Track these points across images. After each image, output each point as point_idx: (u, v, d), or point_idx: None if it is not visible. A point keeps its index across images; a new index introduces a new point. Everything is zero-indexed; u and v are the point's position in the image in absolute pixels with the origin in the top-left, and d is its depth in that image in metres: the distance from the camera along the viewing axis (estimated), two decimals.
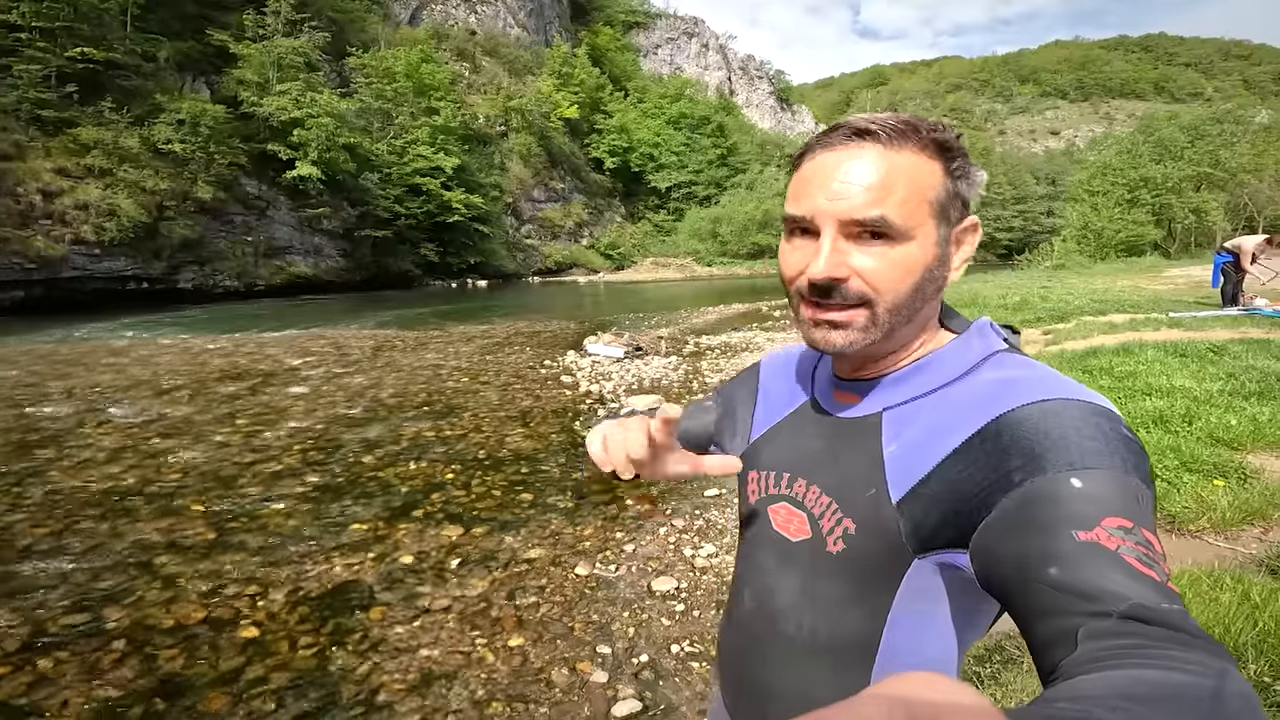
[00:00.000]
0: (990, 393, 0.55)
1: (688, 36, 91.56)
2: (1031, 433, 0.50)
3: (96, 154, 21.16)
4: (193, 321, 16.45)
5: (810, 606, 0.64)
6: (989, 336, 0.62)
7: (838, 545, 0.62)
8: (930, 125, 0.59)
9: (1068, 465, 0.47)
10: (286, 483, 4.53)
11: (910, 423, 0.60)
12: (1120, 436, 0.49)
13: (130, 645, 2.59)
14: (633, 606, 2.95)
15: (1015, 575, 0.45)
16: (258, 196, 27.51)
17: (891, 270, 0.57)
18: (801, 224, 0.59)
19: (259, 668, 2.46)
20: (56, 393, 7.51)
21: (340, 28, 37.84)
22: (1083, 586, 0.41)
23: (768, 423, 0.77)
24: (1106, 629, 0.38)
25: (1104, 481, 0.46)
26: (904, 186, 0.56)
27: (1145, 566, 0.41)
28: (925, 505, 0.55)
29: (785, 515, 0.68)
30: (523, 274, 45.65)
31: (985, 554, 0.49)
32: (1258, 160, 30.19)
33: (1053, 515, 0.45)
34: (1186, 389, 4.46)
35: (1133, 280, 17.27)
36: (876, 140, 0.56)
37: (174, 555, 3.38)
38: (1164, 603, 0.39)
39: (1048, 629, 0.42)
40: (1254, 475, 3.09)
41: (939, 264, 0.59)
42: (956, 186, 0.59)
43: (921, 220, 0.57)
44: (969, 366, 0.60)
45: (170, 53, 25.41)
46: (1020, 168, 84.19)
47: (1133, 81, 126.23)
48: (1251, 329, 7.04)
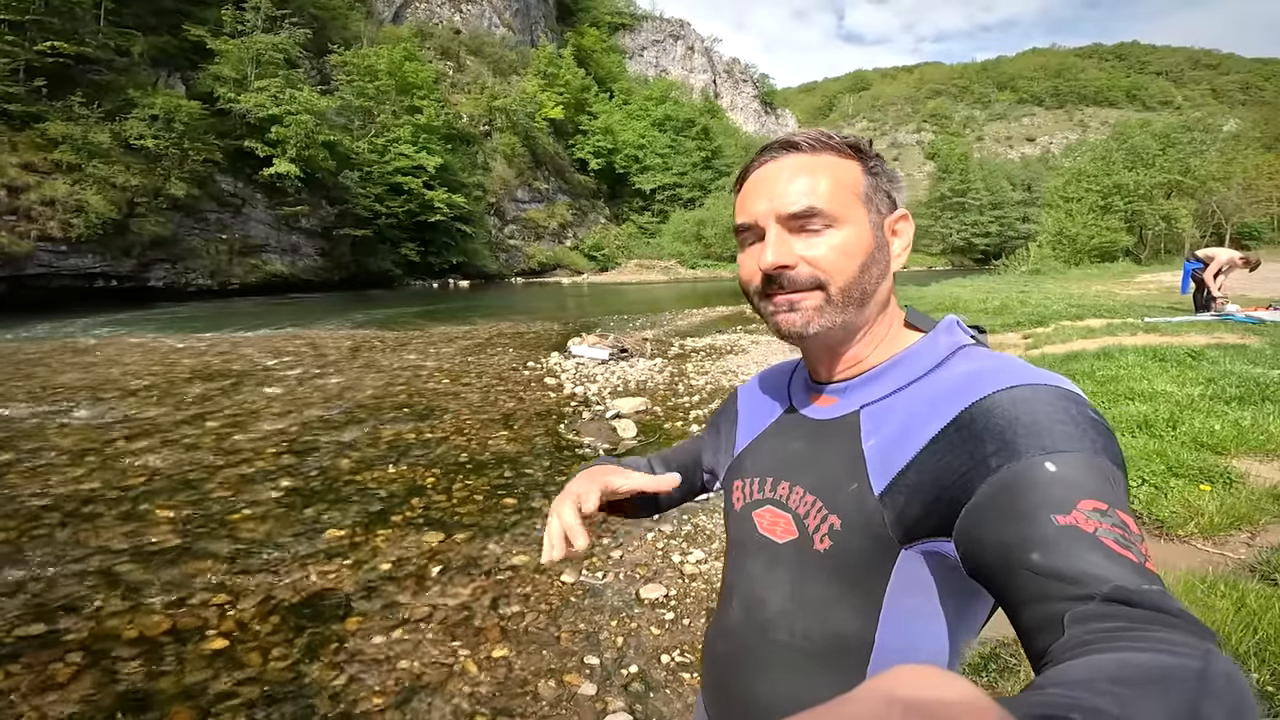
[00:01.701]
0: (961, 383, 0.57)
1: (673, 39, 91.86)
2: (1004, 419, 0.51)
3: (65, 149, 20.54)
4: (164, 320, 16.02)
5: (801, 610, 0.65)
6: (955, 332, 0.66)
7: (824, 543, 0.62)
8: (843, 137, 0.66)
9: (1040, 449, 0.48)
10: (259, 487, 4.37)
11: (887, 417, 0.62)
12: (1087, 419, 0.51)
13: (88, 657, 2.44)
14: (621, 615, 2.86)
15: (999, 562, 0.46)
16: (233, 194, 26.96)
17: (834, 253, 0.61)
18: (751, 232, 0.65)
19: (227, 680, 2.33)
20: (18, 394, 7.21)
21: (322, 24, 37.31)
22: (1065, 570, 0.42)
23: (750, 435, 0.79)
24: (1091, 612, 0.39)
25: (1076, 464, 0.47)
26: (828, 180, 0.62)
27: (1123, 548, 0.43)
28: (907, 495, 0.57)
29: (770, 518, 0.69)
30: (506, 274, 45.35)
31: (969, 541, 0.50)
32: (1226, 168, 31.09)
33: (1030, 501, 0.46)
34: (1168, 393, 4.50)
35: (1106, 285, 17.63)
36: (800, 150, 0.64)
37: (138, 563, 3.22)
38: (1144, 583, 0.40)
39: (1034, 614, 0.43)
40: (1239, 480, 3.11)
41: (878, 247, 0.64)
42: (877, 181, 0.65)
43: (851, 206, 0.62)
44: (938, 360, 0.63)
45: (144, 47, 24.81)
46: (997, 174, 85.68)
47: (1106, 89, 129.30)
48: (1226, 334, 7.17)
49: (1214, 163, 30.65)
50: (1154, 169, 29.65)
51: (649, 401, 6.89)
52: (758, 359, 9.68)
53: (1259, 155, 38.48)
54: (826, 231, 0.62)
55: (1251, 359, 5.51)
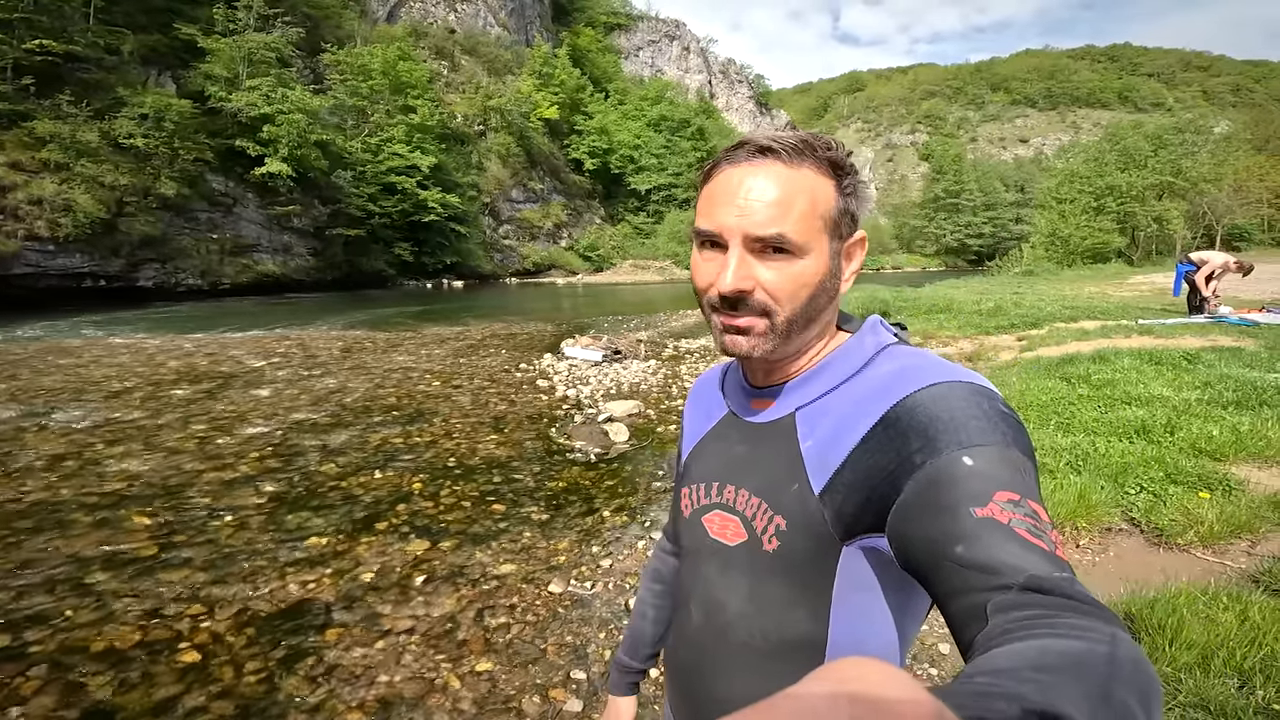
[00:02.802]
0: (887, 383, 0.59)
1: (669, 39, 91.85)
2: (925, 416, 0.54)
3: (53, 148, 20.31)
4: (152, 321, 15.84)
5: (758, 613, 0.66)
6: (880, 332, 0.68)
7: (773, 543, 0.64)
8: (824, 144, 0.63)
9: (958, 444, 0.51)
10: (240, 492, 4.27)
11: (821, 418, 0.64)
12: (999, 413, 0.53)
13: (54, 670, 2.35)
14: (609, 627, 2.79)
15: (926, 557, 0.48)
16: (224, 193, 26.75)
17: (790, 283, 0.61)
18: (711, 237, 0.62)
19: (199, 695, 2.24)
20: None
21: (315, 23, 37.12)
22: (984, 561, 0.44)
23: (692, 442, 0.80)
24: (1009, 601, 0.41)
25: (990, 457, 0.49)
26: (801, 204, 0.60)
27: (1034, 537, 0.45)
28: (844, 493, 0.58)
29: (720, 522, 0.70)
30: (500, 275, 45.20)
31: (899, 537, 0.52)
32: (1217, 170, 31.26)
33: (952, 495, 0.48)
34: (1165, 398, 4.46)
35: (1099, 287, 17.66)
36: (778, 158, 0.60)
37: (111, 572, 3.12)
38: (1055, 571, 0.43)
39: (961, 605, 0.44)
40: (1239, 487, 3.06)
41: (831, 276, 0.64)
42: (847, 203, 0.63)
43: (816, 236, 0.61)
44: (865, 361, 0.64)
45: (134, 46, 24.57)
46: (991, 175, 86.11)
47: (1098, 91, 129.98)
48: (1220, 336, 7.15)
49: (1205, 164, 30.80)
50: (1146, 170, 29.78)
51: (642, 404, 6.81)
52: None
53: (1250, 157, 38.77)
54: (788, 259, 0.61)
55: (1247, 362, 5.48)
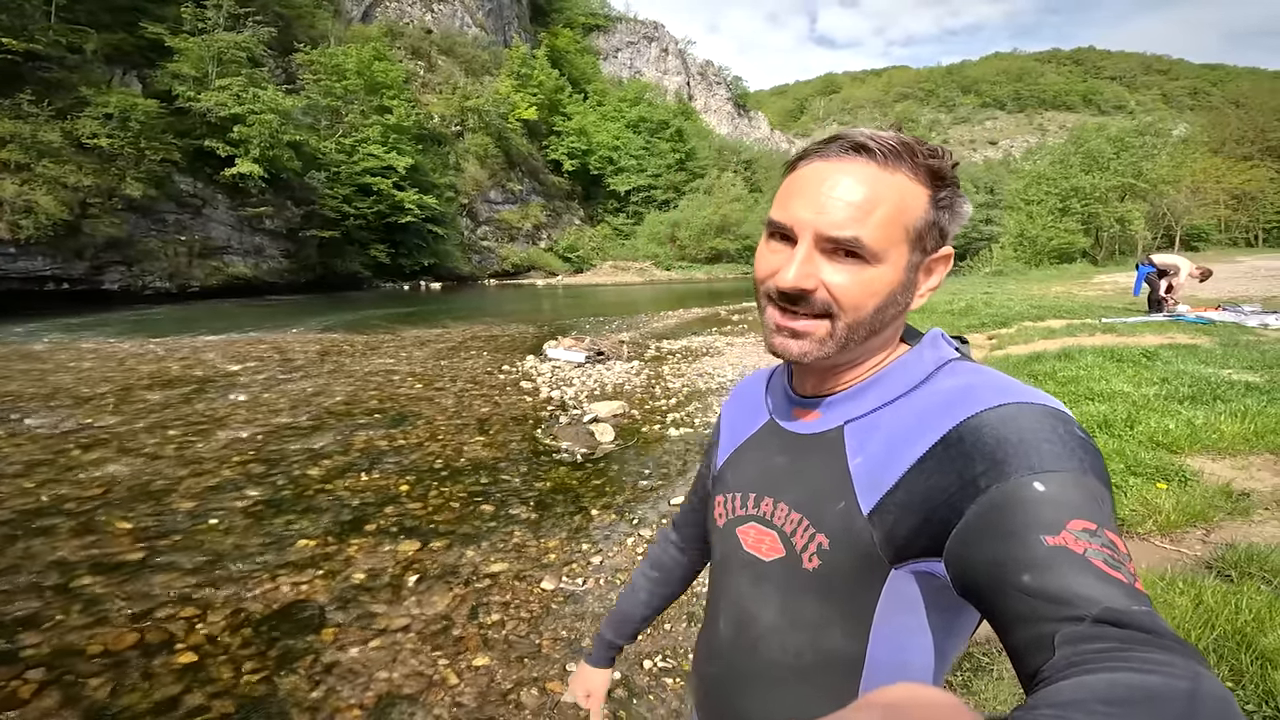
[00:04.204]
0: (949, 400, 0.56)
1: (647, 41, 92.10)
2: (992, 438, 0.51)
3: (13, 148, 19.62)
4: (120, 324, 15.44)
5: (791, 629, 0.64)
6: (941, 346, 0.64)
7: (813, 562, 0.62)
8: (928, 150, 0.59)
9: (1029, 469, 0.48)
10: (224, 497, 4.25)
11: (872, 434, 0.61)
12: (1075, 438, 0.50)
13: (50, 673, 2.35)
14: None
15: (989, 583, 0.46)
16: (193, 194, 26.12)
17: (858, 289, 0.58)
18: (782, 229, 0.60)
19: (199, 695, 2.26)
20: None
21: (287, 23, 36.42)
22: (1055, 592, 0.42)
23: (730, 448, 0.78)
24: (1081, 633, 0.39)
25: (1065, 484, 0.47)
26: (885, 209, 0.57)
27: (1112, 569, 0.43)
28: (896, 515, 0.56)
29: (755, 535, 0.68)
30: (478, 276, 44.87)
31: (959, 562, 0.50)
32: (1176, 172, 32.42)
33: (1020, 521, 0.46)
34: (1125, 393, 4.68)
35: (1065, 286, 18.22)
36: (871, 158, 0.57)
37: (98, 576, 3.10)
38: (1133, 605, 0.40)
39: (1025, 635, 0.42)
40: (1194, 478, 3.23)
41: (904, 289, 0.60)
42: (939, 216, 0.60)
43: (896, 244, 0.58)
44: (924, 376, 0.61)
45: (98, 45, 23.88)
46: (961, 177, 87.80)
47: (1064, 94, 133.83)
48: (1178, 334, 7.48)
49: (1164, 166, 31.94)
50: (1109, 172, 30.76)
51: (626, 405, 6.89)
52: (733, 360, 9.76)
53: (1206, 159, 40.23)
54: (860, 264, 0.58)
55: (1202, 359, 5.76)
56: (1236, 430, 3.69)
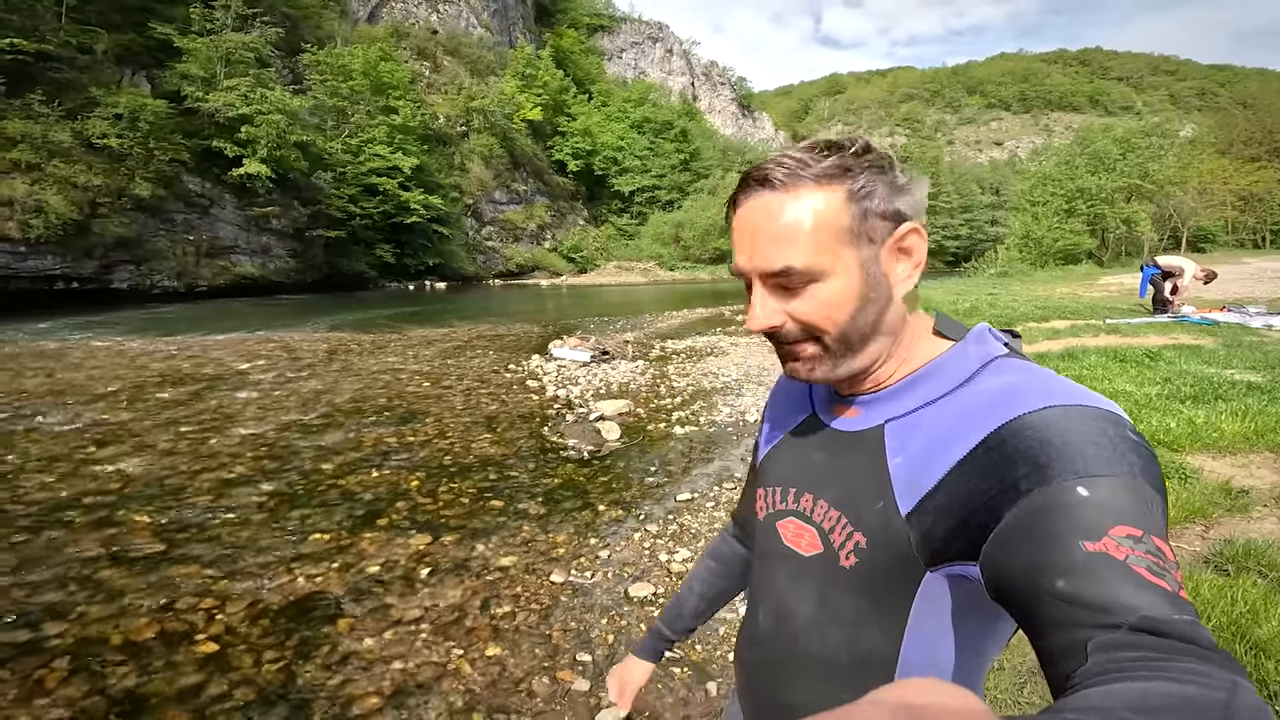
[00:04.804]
0: (992, 401, 0.55)
1: (652, 41, 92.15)
2: (1036, 441, 0.49)
3: (23, 148, 19.84)
4: (130, 323, 15.59)
5: (829, 624, 0.65)
6: (987, 342, 0.63)
7: (850, 560, 0.62)
8: (824, 150, 0.59)
9: (1073, 473, 0.47)
10: (239, 492, 4.33)
11: (913, 434, 0.60)
12: (1127, 440, 0.49)
13: (76, 662, 2.42)
14: (610, 613, 2.92)
15: (1024, 587, 0.45)
16: (201, 194, 26.32)
17: (821, 308, 0.60)
18: (743, 276, 0.63)
19: (221, 683, 2.33)
20: None
21: (294, 23, 36.64)
22: (1092, 598, 0.41)
23: (772, 441, 0.79)
24: (1116, 641, 0.38)
25: (1111, 489, 0.45)
26: (803, 228, 0.58)
27: (1155, 576, 0.41)
28: (934, 517, 0.56)
29: (795, 530, 0.69)
30: (483, 276, 44.99)
31: (994, 566, 0.49)
32: (1183, 173, 32.25)
33: (1060, 525, 0.45)
34: (1128, 393, 4.72)
35: (1070, 287, 18.18)
36: (771, 188, 0.59)
37: (119, 568, 3.18)
38: (1174, 613, 0.39)
39: (1058, 641, 0.42)
40: (1194, 475, 3.28)
41: (873, 286, 0.60)
42: (868, 204, 0.59)
43: (833, 253, 0.58)
44: (968, 374, 0.60)
45: (108, 45, 24.10)
46: (967, 177, 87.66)
47: (1070, 94, 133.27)
48: (1182, 335, 7.50)
49: (1171, 167, 31.77)
50: (1115, 173, 30.64)
51: (631, 403, 6.95)
52: (738, 360, 9.80)
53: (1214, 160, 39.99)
54: (811, 287, 0.59)
55: (1205, 359, 5.79)
56: (1237, 429, 3.73)
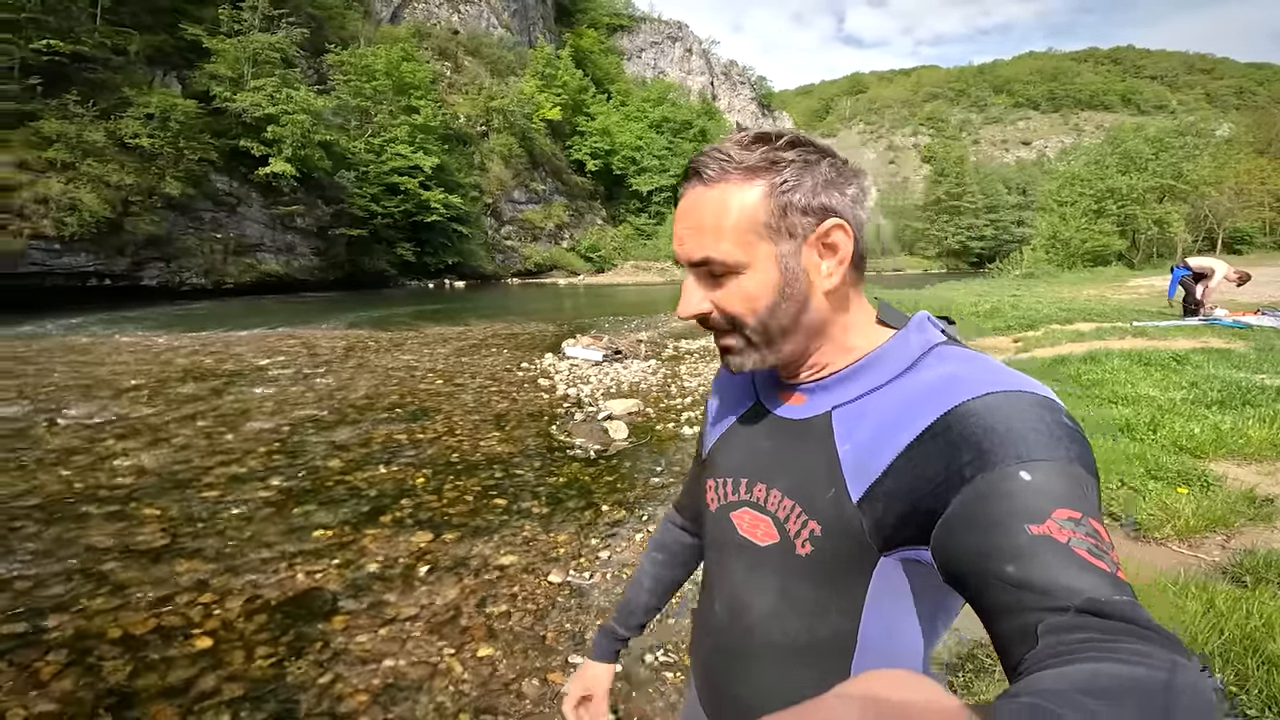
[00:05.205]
0: (935, 387, 0.56)
1: (671, 41, 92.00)
2: (979, 427, 0.51)
3: (59, 147, 20.44)
4: (158, 319, 15.97)
5: (786, 613, 0.65)
6: (927, 330, 0.64)
7: (806, 548, 0.63)
8: (753, 144, 0.60)
9: (1015, 458, 0.48)
10: (248, 486, 4.38)
11: (860, 421, 0.61)
12: (1063, 426, 0.50)
13: (72, 655, 2.45)
14: (607, 615, 2.89)
15: (974, 571, 0.46)
16: (228, 193, 26.87)
17: (740, 299, 0.61)
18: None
19: (211, 679, 2.35)
20: (7, 392, 7.20)
21: (319, 24, 37.26)
22: (1038, 581, 0.42)
23: (719, 431, 0.78)
24: (1064, 624, 0.39)
25: (1051, 473, 0.47)
26: (723, 222, 0.59)
27: (1095, 558, 0.43)
28: (885, 503, 0.56)
29: (750, 521, 0.68)
30: (501, 275, 45.31)
31: (944, 551, 0.50)
32: (1218, 173, 31.28)
33: (1005, 510, 0.46)
34: (1151, 397, 4.56)
35: (1098, 289, 17.74)
36: (699, 180, 0.61)
37: (124, 561, 3.23)
38: (1115, 594, 0.41)
39: (1009, 625, 0.43)
40: (1216, 483, 3.15)
41: (791, 280, 0.61)
42: (788, 199, 0.59)
43: (751, 246, 0.60)
44: (911, 361, 0.61)
45: (141, 46, 24.72)
46: (993, 177, 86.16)
47: (1101, 93, 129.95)
48: (1212, 339, 7.25)
49: (1206, 167, 30.84)
50: (1146, 173, 29.84)
51: (641, 403, 6.92)
52: None
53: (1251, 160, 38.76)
54: (730, 279, 0.61)
55: (1235, 363, 5.58)
56: (1265, 435, 3.58)
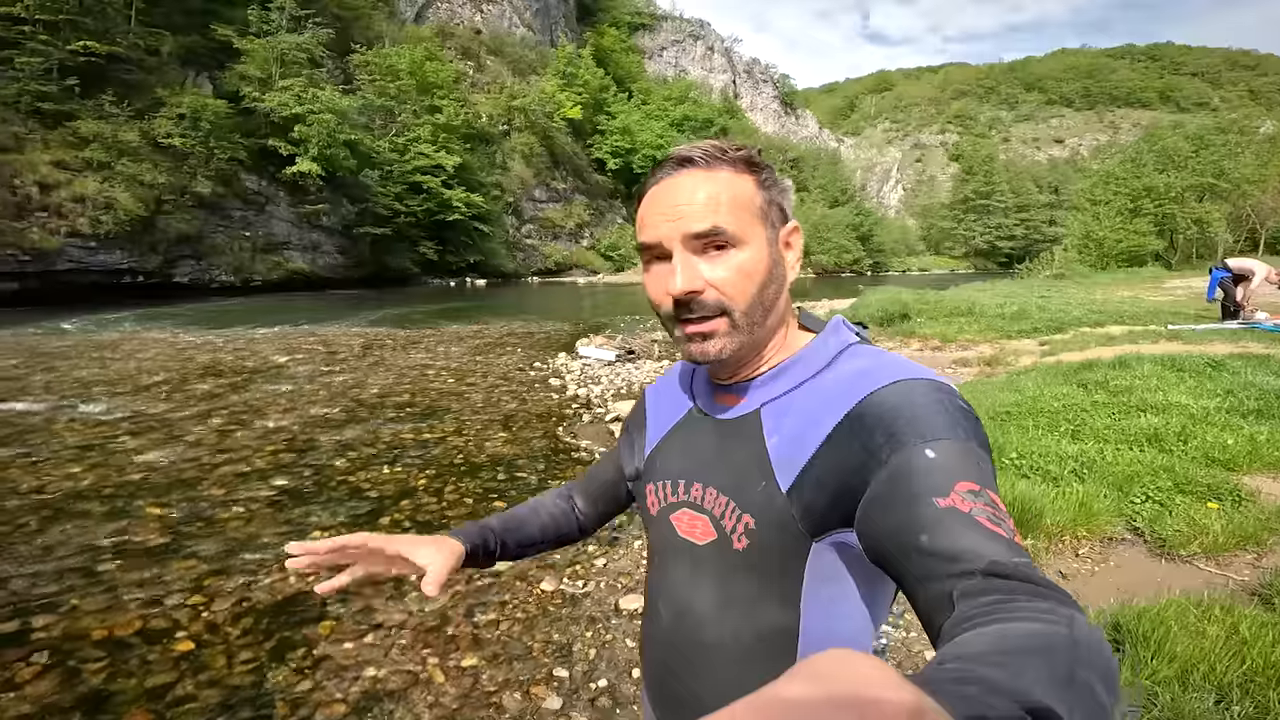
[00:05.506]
0: (850, 380, 0.61)
1: (693, 39, 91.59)
2: (889, 412, 0.56)
3: (95, 147, 21.07)
4: (188, 315, 16.33)
5: (728, 609, 0.66)
6: (841, 332, 0.70)
7: (742, 542, 0.64)
8: (735, 146, 0.66)
9: (920, 438, 0.53)
10: (252, 485, 4.40)
11: (786, 415, 0.64)
12: (958, 408, 0.56)
13: (55, 657, 2.45)
14: (597, 626, 2.81)
15: (894, 548, 0.50)
16: (257, 192, 27.44)
17: (738, 276, 0.62)
18: (655, 251, 0.64)
19: (189, 684, 2.32)
20: (35, 387, 7.39)
21: (345, 24, 37.83)
22: (947, 549, 0.46)
23: (657, 436, 0.79)
24: (973, 587, 0.43)
25: (951, 450, 0.52)
26: (726, 199, 0.62)
27: (995, 525, 0.47)
28: (812, 490, 0.59)
29: (689, 521, 0.70)
30: (522, 274, 45.53)
31: (868, 530, 0.53)
32: (1261, 171, 30.05)
33: (916, 486, 0.50)
34: (1183, 405, 4.32)
35: (1133, 291, 17.13)
36: (696, 165, 0.64)
37: (121, 561, 3.24)
38: (1014, 557, 0.44)
39: (927, 594, 0.46)
40: (1250, 498, 2.96)
41: (775, 264, 0.65)
42: (770, 195, 0.66)
43: (751, 225, 0.63)
44: (829, 359, 0.66)
45: (174, 47, 25.38)
46: (1023, 176, 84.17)
47: (1139, 90, 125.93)
48: (1252, 343, 6.90)
49: (1249, 165, 29.64)
50: (1186, 171, 28.78)
51: None
52: None
53: None
54: (729, 252, 0.62)
55: (1275, 370, 5.27)
56: None
